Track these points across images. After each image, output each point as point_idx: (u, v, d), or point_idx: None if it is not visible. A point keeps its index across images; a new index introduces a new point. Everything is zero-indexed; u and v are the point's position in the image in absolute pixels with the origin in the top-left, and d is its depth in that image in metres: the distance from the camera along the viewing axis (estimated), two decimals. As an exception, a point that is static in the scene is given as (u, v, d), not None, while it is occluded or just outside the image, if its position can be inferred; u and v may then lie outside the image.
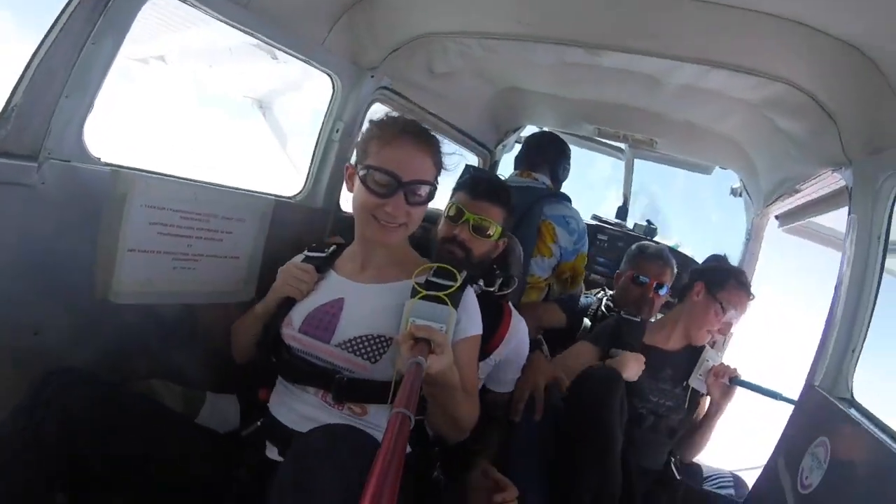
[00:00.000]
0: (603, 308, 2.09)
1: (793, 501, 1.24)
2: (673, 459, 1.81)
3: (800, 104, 1.45)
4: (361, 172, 1.15)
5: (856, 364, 1.31)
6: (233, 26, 1.38)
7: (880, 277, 1.30)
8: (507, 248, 1.72)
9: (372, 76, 1.79)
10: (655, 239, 2.92)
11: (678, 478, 1.76)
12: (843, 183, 1.45)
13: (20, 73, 1.04)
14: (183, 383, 1.38)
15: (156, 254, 1.34)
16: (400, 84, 1.93)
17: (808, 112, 1.44)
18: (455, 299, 1.14)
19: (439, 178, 1.24)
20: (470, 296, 1.24)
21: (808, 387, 1.39)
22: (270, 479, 1.08)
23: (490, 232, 1.54)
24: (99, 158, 1.20)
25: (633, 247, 2.20)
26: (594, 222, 3.03)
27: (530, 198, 1.99)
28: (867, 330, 1.31)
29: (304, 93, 1.88)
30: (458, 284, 1.17)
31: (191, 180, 1.41)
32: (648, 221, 2.94)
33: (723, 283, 1.76)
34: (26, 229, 1.09)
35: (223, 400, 1.41)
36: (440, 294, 1.13)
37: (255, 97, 2.84)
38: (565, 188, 2.33)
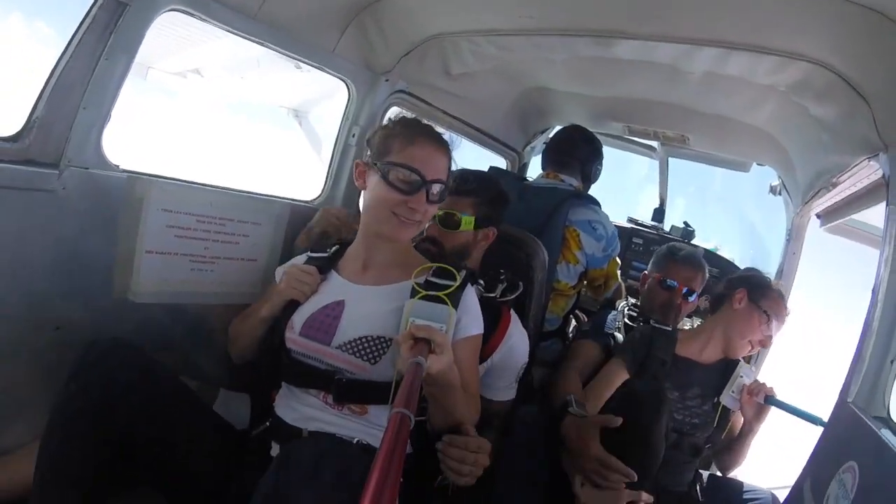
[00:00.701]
0: (626, 319, 1.95)
1: None
2: (699, 481, 1.67)
3: (827, 84, 1.33)
4: (383, 168, 1.16)
5: (895, 378, 1.17)
6: (243, 38, 1.43)
7: None
8: (532, 251, 1.68)
9: (386, 80, 1.81)
10: (693, 242, 2.77)
11: (701, 500, 1.63)
12: (880, 172, 1.30)
13: (41, 87, 1.13)
14: (198, 380, 1.42)
15: (173, 255, 1.40)
16: (417, 87, 1.94)
17: (836, 93, 1.33)
18: (455, 299, 1.15)
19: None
20: (470, 295, 1.23)
21: (841, 403, 1.24)
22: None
23: (456, 221, 1.50)
24: (118, 165, 1.28)
25: (664, 248, 2.04)
26: (629, 225, 2.91)
27: (553, 201, 1.91)
28: None
29: (338, 101, 1.93)
30: (457, 284, 1.17)
31: (207, 185, 1.47)
32: (686, 223, 2.79)
33: (765, 290, 1.66)
34: (49, 232, 1.17)
35: (235, 398, 1.45)
36: (440, 294, 1.13)
37: (290, 107, 2.93)
38: (600, 190, 2.24)
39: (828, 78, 1.32)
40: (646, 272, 2.05)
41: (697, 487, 1.65)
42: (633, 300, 2.05)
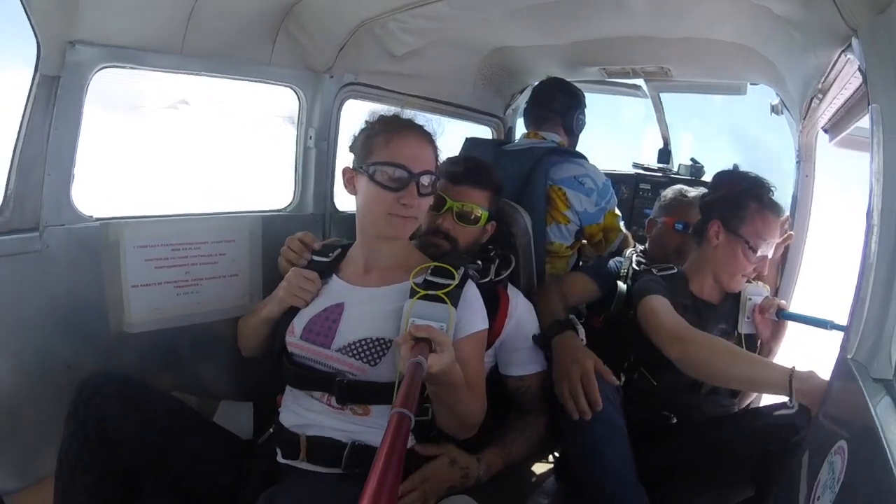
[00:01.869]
0: (634, 265, 1.85)
1: None
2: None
3: None
4: (369, 171, 1.18)
5: None
6: (177, 73, 1.53)
7: None
8: (511, 219, 1.67)
9: (331, 77, 1.83)
10: (704, 178, 2.57)
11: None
12: (856, 64, 1.10)
13: (7, 167, 1.29)
14: (201, 394, 1.59)
15: (158, 285, 1.55)
16: (367, 76, 1.94)
17: None
18: (454, 297, 1.16)
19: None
20: (471, 291, 1.24)
21: (841, 360, 1.00)
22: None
23: (475, 217, 1.49)
24: (91, 216, 1.43)
25: (669, 191, 1.98)
26: (635, 171, 2.76)
27: (529, 162, 1.86)
28: None
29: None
30: (456, 282, 1.18)
31: (173, 216, 1.61)
32: (693, 160, 2.60)
33: (741, 213, 1.49)
34: (42, 286, 1.35)
35: (237, 407, 1.58)
36: (439, 293, 1.15)
37: (284, 115, 3.02)
38: (599, 140, 2.15)
39: None
40: (652, 217, 1.99)
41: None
42: (640, 247, 1.97)
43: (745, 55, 1.80)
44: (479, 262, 1.45)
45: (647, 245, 1.98)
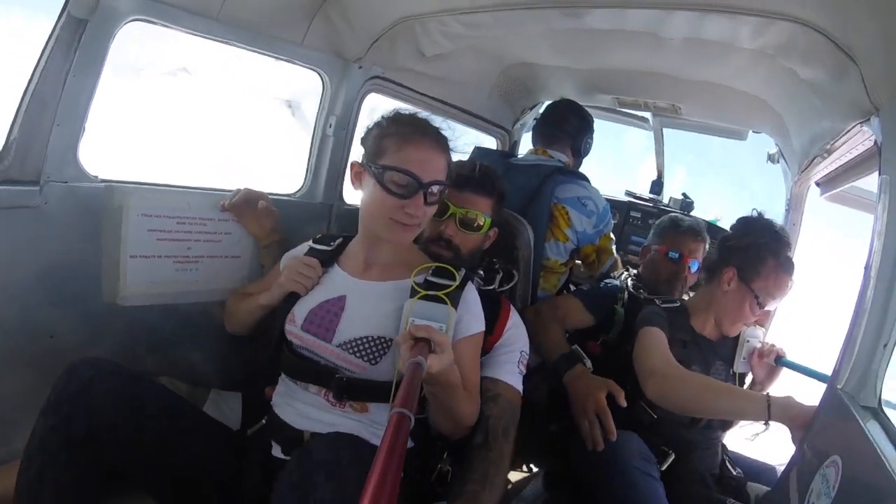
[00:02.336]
0: (631, 289, 1.88)
1: None
2: (726, 456, 1.66)
3: (812, 44, 1.26)
4: (377, 172, 1.14)
5: (887, 363, 1.06)
6: (208, 39, 1.45)
7: None
8: (516, 231, 1.68)
9: (359, 67, 1.80)
10: (693, 213, 2.71)
11: (735, 472, 1.62)
12: (873, 138, 1.22)
13: (14, 109, 1.18)
14: (190, 380, 1.51)
15: (157, 258, 1.46)
16: (393, 72, 1.92)
17: (822, 53, 1.25)
18: (455, 298, 1.15)
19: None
20: (471, 293, 1.23)
21: (830, 389, 1.15)
22: (275, 481, 1.13)
23: (478, 224, 1.47)
24: (96, 176, 1.33)
25: (665, 219, 2.02)
26: (627, 199, 2.86)
27: (538, 178, 1.89)
28: None
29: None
30: (456, 283, 1.17)
31: (183, 187, 1.52)
32: (684, 195, 2.73)
33: (758, 267, 1.51)
34: (35, 245, 1.24)
35: (227, 397, 1.51)
36: (440, 293, 1.14)
37: (283, 97, 2.94)
38: (596, 165, 2.21)
39: (812, 38, 1.24)
40: (646, 244, 2.03)
41: (728, 463, 1.63)
42: (633, 271, 2.02)
43: (757, 106, 1.91)
44: (482, 272, 1.46)
45: (640, 270, 2.04)
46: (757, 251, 1.53)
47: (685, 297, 1.90)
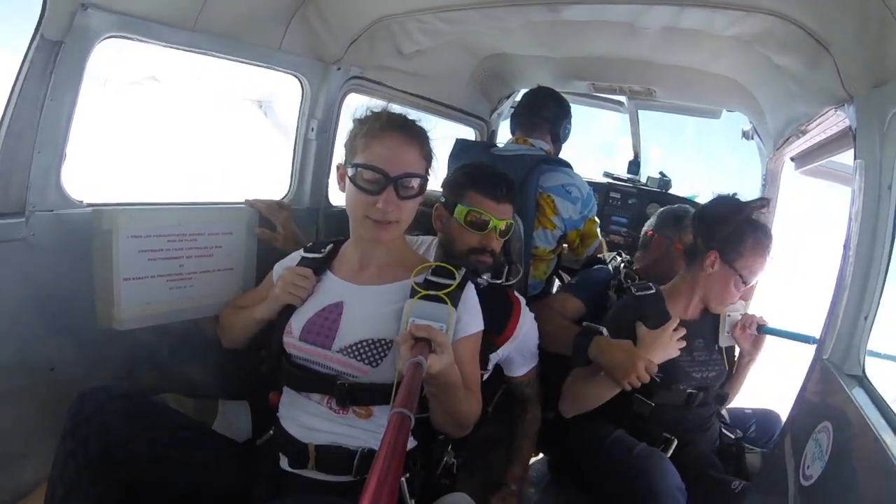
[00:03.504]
0: (622, 278, 1.84)
1: (794, 493, 1.11)
2: (721, 423, 1.74)
3: (789, 35, 1.31)
4: (350, 172, 1.15)
5: (868, 334, 1.14)
6: (185, 51, 1.41)
7: (894, 233, 1.10)
8: None
9: (338, 69, 1.78)
10: (670, 191, 2.79)
11: (734, 436, 1.71)
12: (847, 122, 1.29)
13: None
14: (195, 395, 1.50)
15: (150, 278, 1.43)
16: (371, 71, 1.90)
17: (798, 43, 1.30)
18: (455, 298, 1.15)
19: (431, 169, 1.23)
20: (470, 293, 1.23)
21: (816, 359, 1.23)
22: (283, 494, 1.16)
23: (511, 229, 1.55)
24: (81, 201, 1.30)
25: (681, 209, 1.96)
26: (606, 180, 2.92)
27: (523, 169, 1.90)
28: (881, 295, 1.12)
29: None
30: (456, 283, 1.17)
31: (171, 205, 1.50)
32: (661, 174, 2.79)
33: (740, 247, 1.54)
34: (26, 278, 1.21)
35: (235, 407, 1.52)
36: (440, 293, 1.13)
37: (254, 98, 2.86)
38: (573, 147, 2.23)
39: (789, 29, 1.29)
40: (654, 232, 1.96)
41: (722, 431, 1.71)
42: (627, 257, 2.00)
43: (732, 88, 1.96)
44: (488, 274, 1.49)
45: (637, 256, 2.01)
46: (736, 232, 1.55)
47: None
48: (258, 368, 1.37)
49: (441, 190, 1.62)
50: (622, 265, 1.91)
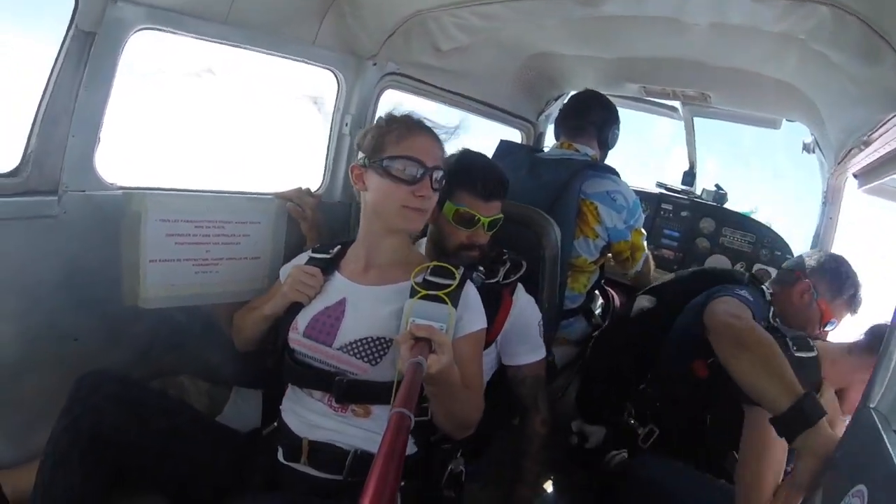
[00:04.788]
0: (771, 317, 1.49)
1: None
2: None
3: (844, 27, 1.17)
4: (384, 164, 1.19)
5: None
6: (218, 44, 1.45)
7: None
8: (542, 230, 1.64)
9: (374, 64, 1.77)
10: (726, 205, 2.57)
11: None
12: None
13: (30, 123, 1.21)
14: (210, 379, 1.54)
15: (176, 261, 1.49)
16: (409, 68, 1.88)
17: (856, 36, 1.17)
18: (454, 297, 1.16)
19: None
20: (471, 291, 1.25)
21: (862, 407, 1.00)
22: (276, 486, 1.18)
23: (499, 223, 1.50)
24: (113, 184, 1.36)
25: (841, 262, 1.62)
26: (658, 190, 2.75)
27: (565, 174, 1.82)
28: None
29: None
30: (456, 282, 1.18)
31: (201, 191, 1.54)
32: (717, 186, 2.59)
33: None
34: (56, 254, 1.28)
35: (247, 395, 1.55)
36: (439, 293, 1.15)
37: (309, 95, 2.92)
38: (625, 156, 2.12)
39: (844, 20, 1.16)
40: (802, 273, 1.62)
41: None
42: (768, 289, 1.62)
43: (790, 94, 1.79)
44: (481, 268, 1.43)
45: (777, 289, 1.67)
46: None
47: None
48: (266, 364, 1.39)
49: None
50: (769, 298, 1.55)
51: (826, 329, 1.58)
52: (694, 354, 1.46)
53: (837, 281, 1.59)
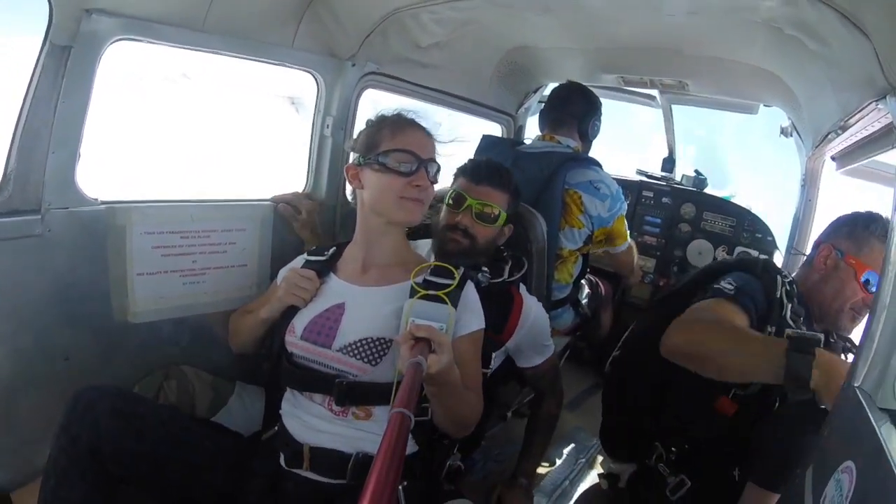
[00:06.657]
0: (783, 297, 1.37)
1: None
2: None
3: (821, 17, 1.19)
4: (379, 159, 1.20)
5: None
6: (196, 51, 1.43)
7: None
8: (529, 224, 1.67)
9: (353, 64, 1.76)
10: (706, 190, 2.62)
11: None
12: (889, 117, 1.15)
13: (9, 141, 1.19)
14: (214, 373, 1.53)
15: (164, 273, 1.49)
16: (388, 66, 1.87)
17: (833, 27, 1.18)
18: (454, 297, 1.16)
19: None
20: (470, 291, 1.25)
21: (847, 387, 1.03)
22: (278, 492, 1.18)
23: (494, 216, 1.50)
24: (96, 199, 1.34)
25: (859, 218, 1.45)
26: (639, 178, 2.78)
27: (549, 166, 1.85)
28: None
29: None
30: (456, 282, 1.18)
31: (184, 201, 1.53)
32: (697, 172, 2.64)
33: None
34: (43, 271, 1.26)
35: (251, 391, 1.55)
36: (439, 293, 1.15)
37: (286, 95, 2.90)
38: (605, 145, 2.14)
39: (821, 10, 1.17)
40: (825, 242, 1.47)
41: None
42: (788, 275, 1.46)
43: (768, 80, 1.81)
44: (485, 268, 1.45)
45: (799, 273, 1.54)
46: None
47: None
48: (264, 368, 1.39)
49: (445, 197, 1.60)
50: (784, 278, 1.41)
51: (871, 291, 1.37)
52: (714, 389, 1.35)
53: (855, 228, 1.44)
